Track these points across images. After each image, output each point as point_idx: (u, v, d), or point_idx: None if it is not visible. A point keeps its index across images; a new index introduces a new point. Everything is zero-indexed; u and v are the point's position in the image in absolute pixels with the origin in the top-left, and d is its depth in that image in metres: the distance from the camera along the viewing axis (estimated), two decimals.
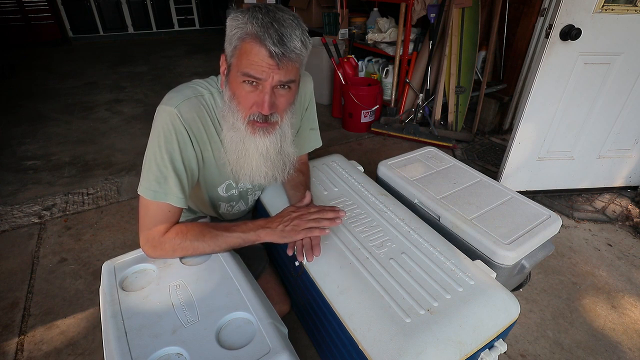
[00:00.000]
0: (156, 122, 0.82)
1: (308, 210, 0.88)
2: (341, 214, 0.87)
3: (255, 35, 0.72)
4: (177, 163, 0.83)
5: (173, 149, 0.82)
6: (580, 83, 1.68)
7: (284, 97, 0.81)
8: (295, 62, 0.77)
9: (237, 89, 0.79)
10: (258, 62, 0.74)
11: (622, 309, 1.36)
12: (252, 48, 0.73)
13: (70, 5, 4.93)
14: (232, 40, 0.77)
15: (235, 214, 1.17)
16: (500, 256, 1.00)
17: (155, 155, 0.81)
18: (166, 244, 0.83)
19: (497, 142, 2.57)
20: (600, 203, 1.94)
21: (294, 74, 0.79)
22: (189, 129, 0.83)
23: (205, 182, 0.98)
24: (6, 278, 1.43)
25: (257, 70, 0.74)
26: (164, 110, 0.81)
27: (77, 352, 1.17)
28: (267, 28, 0.72)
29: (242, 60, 0.75)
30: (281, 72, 0.75)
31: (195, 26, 5.96)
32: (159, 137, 0.81)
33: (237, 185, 1.05)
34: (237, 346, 0.67)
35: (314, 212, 0.87)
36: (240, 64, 0.76)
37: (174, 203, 0.83)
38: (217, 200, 1.07)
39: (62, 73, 3.94)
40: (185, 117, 0.82)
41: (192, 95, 0.84)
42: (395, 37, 2.77)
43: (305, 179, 1.11)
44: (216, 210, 1.13)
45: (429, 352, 0.68)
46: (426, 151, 1.46)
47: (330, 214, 0.87)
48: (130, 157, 2.33)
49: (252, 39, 0.73)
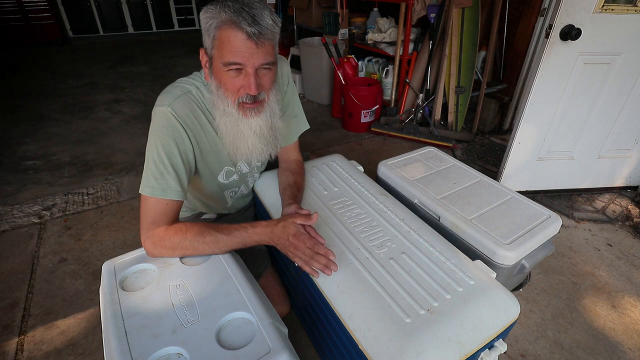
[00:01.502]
0: (153, 123, 0.88)
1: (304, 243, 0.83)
2: (333, 268, 0.81)
3: (230, 20, 0.77)
4: (175, 158, 0.88)
5: (170, 145, 0.87)
6: (580, 83, 1.68)
7: (267, 76, 0.87)
8: (271, 40, 0.82)
9: (222, 77, 0.84)
10: (238, 47, 0.79)
11: (622, 309, 1.36)
12: (230, 34, 0.78)
13: (70, 5, 4.93)
14: (209, 31, 0.82)
15: (239, 199, 1.21)
16: (500, 256, 1.00)
17: (153, 154, 0.86)
18: (166, 241, 0.84)
19: (497, 142, 2.57)
20: (600, 203, 1.94)
21: (271, 55, 0.84)
22: (184, 124, 0.88)
23: (206, 172, 1.02)
24: (6, 278, 1.43)
25: (238, 56, 0.79)
26: (159, 111, 0.87)
27: (77, 352, 1.17)
28: (239, 12, 0.77)
29: (222, 50, 0.81)
30: (260, 53, 0.80)
31: (195, 26, 5.97)
32: (155, 137, 0.86)
33: (236, 168, 1.09)
34: (237, 346, 0.67)
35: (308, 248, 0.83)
36: (222, 54, 0.81)
37: (171, 197, 0.87)
38: (222, 189, 1.11)
39: (62, 73, 3.94)
40: (179, 113, 0.87)
41: (181, 93, 0.90)
42: (395, 37, 2.77)
43: (295, 179, 1.10)
44: (223, 204, 1.17)
45: (429, 352, 0.68)
46: (426, 151, 1.46)
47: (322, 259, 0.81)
48: (130, 157, 2.33)
49: (227, 25, 0.78)
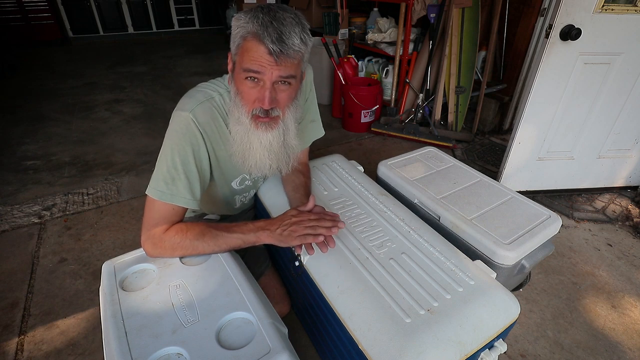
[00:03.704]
0: (171, 126, 0.86)
1: (308, 217, 0.87)
2: (340, 225, 0.86)
3: (255, 33, 0.76)
4: (190, 165, 0.86)
5: (186, 152, 0.85)
6: (580, 83, 1.68)
7: (284, 92, 0.84)
8: (294, 59, 0.79)
9: (240, 85, 0.83)
10: (257, 59, 0.78)
11: (622, 309, 1.36)
12: (252, 45, 0.77)
13: (70, 5, 4.93)
14: (235, 38, 0.81)
15: (247, 203, 1.21)
16: (500, 256, 1.00)
17: (167, 158, 0.85)
18: (166, 241, 0.84)
19: (497, 142, 2.57)
20: (600, 203, 1.94)
21: (293, 70, 0.81)
22: (203, 132, 0.87)
23: (221, 178, 1.01)
24: (6, 278, 1.43)
25: (255, 64, 0.78)
26: (180, 115, 0.85)
27: (77, 352, 1.17)
28: (266, 27, 0.75)
29: (243, 57, 0.80)
30: (280, 68, 0.79)
31: (195, 26, 5.96)
32: (172, 141, 0.85)
33: (250, 176, 1.09)
34: (237, 346, 0.67)
35: (312, 219, 0.86)
36: (242, 61, 0.80)
37: (180, 204, 0.86)
38: (233, 194, 1.11)
39: (62, 73, 3.94)
40: (200, 120, 0.86)
41: (204, 99, 0.88)
42: (395, 37, 2.77)
43: (306, 180, 1.11)
44: (231, 207, 1.17)
45: (429, 352, 0.68)
46: (426, 151, 1.46)
47: (328, 222, 0.86)
48: (130, 157, 2.33)
49: (252, 37, 0.77)
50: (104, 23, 5.25)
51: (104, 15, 5.19)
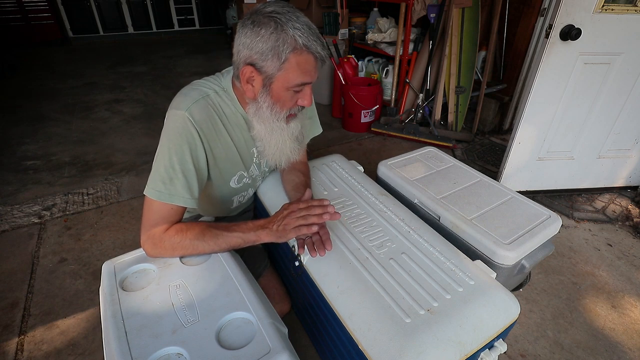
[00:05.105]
0: (167, 125, 0.86)
1: (297, 206, 0.86)
2: (330, 209, 0.84)
3: (306, 46, 0.79)
4: (187, 164, 0.86)
5: (183, 151, 0.85)
6: (580, 83, 1.68)
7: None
8: None
9: (283, 96, 0.86)
10: (310, 70, 0.83)
11: (622, 309, 1.36)
12: (306, 59, 0.81)
13: (70, 5, 4.93)
14: (278, 53, 0.79)
15: (245, 203, 1.21)
16: (500, 256, 1.00)
17: (164, 158, 0.84)
18: (166, 241, 0.84)
19: (497, 142, 2.57)
20: (600, 203, 1.94)
21: None
22: (200, 130, 0.87)
23: (219, 177, 1.01)
24: (6, 278, 1.43)
25: (308, 76, 0.84)
26: (176, 114, 0.85)
27: (77, 352, 1.17)
28: (309, 37, 0.79)
29: (294, 72, 0.82)
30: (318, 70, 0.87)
31: (195, 26, 5.96)
32: (169, 141, 0.84)
33: (248, 173, 1.08)
34: (237, 346, 0.67)
35: (302, 209, 0.86)
36: (293, 77, 0.83)
37: (179, 203, 0.86)
38: (230, 195, 1.10)
39: (62, 73, 3.94)
40: (196, 118, 0.86)
41: (199, 97, 0.88)
42: (395, 37, 2.77)
43: (306, 179, 1.11)
44: (227, 208, 1.16)
45: (429, 352, 0.68)
46: (426, 151, 1.46)
47: (317, 209, 0.84)
48: (130, 157, 2.33)
49: (304, 50, 0.80)
50: (104, 23, 5.25)
51: (104, 15, 5.20)
